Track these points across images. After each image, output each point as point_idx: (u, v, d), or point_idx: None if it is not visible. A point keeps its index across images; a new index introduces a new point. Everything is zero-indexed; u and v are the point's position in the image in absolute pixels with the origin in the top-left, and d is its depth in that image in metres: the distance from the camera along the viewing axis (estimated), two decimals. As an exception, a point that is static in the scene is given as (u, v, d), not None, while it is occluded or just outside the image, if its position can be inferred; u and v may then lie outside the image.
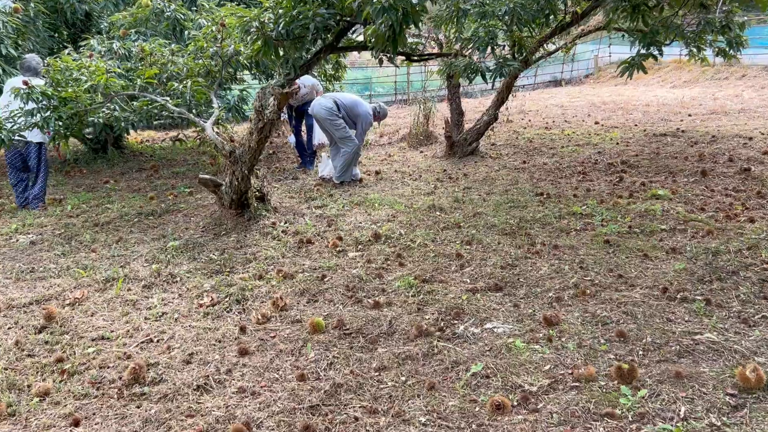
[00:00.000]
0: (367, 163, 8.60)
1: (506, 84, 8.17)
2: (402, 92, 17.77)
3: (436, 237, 5.08)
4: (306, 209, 6.02)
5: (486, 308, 3.68)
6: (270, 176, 7.84)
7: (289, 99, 4.75)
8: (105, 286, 4.18)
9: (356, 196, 6.56)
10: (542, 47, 8.22)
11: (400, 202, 6.22)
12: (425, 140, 10.06)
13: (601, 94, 15.94)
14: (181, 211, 6.04)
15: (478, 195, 6.45)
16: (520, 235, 5.07)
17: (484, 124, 8.36)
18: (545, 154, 8.40)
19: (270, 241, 5.04)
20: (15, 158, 6.25)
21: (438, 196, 6.50)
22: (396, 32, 3.91)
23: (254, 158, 4.90)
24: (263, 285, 4.16)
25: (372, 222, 5.55)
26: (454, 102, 8.89)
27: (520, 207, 5.90)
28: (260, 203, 5.53)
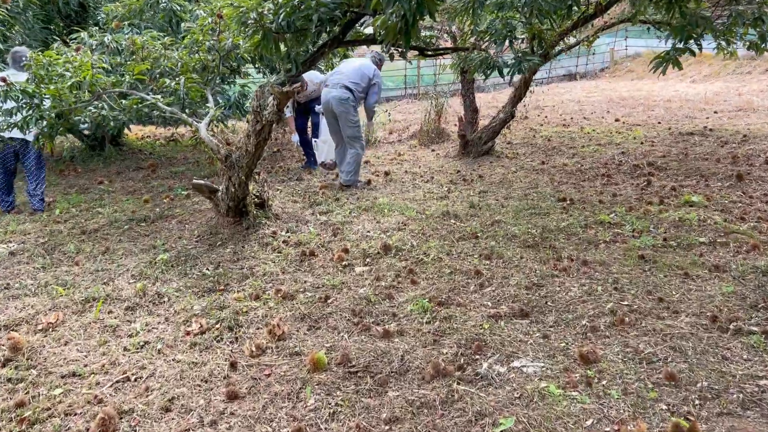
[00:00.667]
0: (376, 163, 8.14)
1: (524, 80, 7.68)
2: (412, 86, 17.28)
3: (452, 249, 4.62)
4: (310, 215, 5.58)
5: (511, 340, 3.23)
6: (273, 177, 7.40)
7: (290, 99, 4.30)
8: (83, 308, 3.76)
9: (364, 200, 6.11)
10: (562, 41, 7.73)
11: (411, 207, 5.76)
12: (437, 138, 9.59)
13: (618, 89, 15.39)
14: (175, 217, 5.61)
15: (495, 200, 5.99)
16: (544, 247, 4.61)
17: (500, 122, 7.88)
18: (565, 154, 7.92)
19: (269, 253, 4.60)
20: (8, 158, 5.83)
21: (452, 200, 6.04)
22: (409, 24, 3.45)
23: (252, 163, 4.46)
24: (260, 307, 3.72)
25: (381, 231, 5.10)
26: (468, 98, 8.41)
27: (542, 214, 5.43)
28: (260, 210, 5.09)
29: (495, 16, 6.45)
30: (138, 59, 5.13)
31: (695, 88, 14.43)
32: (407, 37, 3.54)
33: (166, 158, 9.06)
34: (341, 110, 6.47)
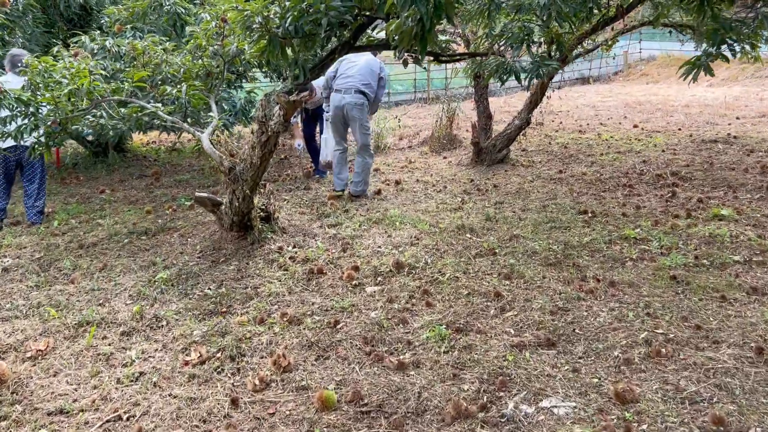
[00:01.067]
0: (387, 171, 7.88)
1: (541, 85, 7.41)
2: (422, 90, 17.01)
3: (468, 267, 4.35)
4: (318, 228, 5.32)
5: (538, 374, 2.95)
6: (280, 186, 7.16)
7: (297, 108, 4.04)
8: (76, 333, 3.51)
9: (374, 211, 5.85)
10: (581, 44, 7.46)
11: (424, 220, 5.49)
12: (449, 144, 9.32)
13: (634, 93, 15.06)
14: (177, 229, 5.36)
15: (512, 212, 5.71)
16: (567, 266, 4.33)
17: (516, 128, 7.60)
18: (583, 163, 7.62)
19: (275, 271, 4.34)
20: (10, 165, 5.59)
21: (467, 212, 5.77)
22: (425, 28, 3.19)
23: (257, 176, 4.20)
24: (264, 332, 3.46)
25: (393, 246, 4.84)
26: (481, 104, 8.14)
27: (563, 228, 5.15)
28: (266, 224, 4.84)
29: (511, 19, 6.19)
30: (139, 65, 4.90)
31: (713, 92, 14.09)
32: (423, 43, 3.28)
33: (171, 165, 8.83)
34: (358, 116, 6.27)
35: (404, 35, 3.28)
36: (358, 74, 6.23)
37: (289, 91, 3.89)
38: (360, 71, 6.23)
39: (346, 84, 6.20)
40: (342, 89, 6.24)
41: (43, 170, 5.69)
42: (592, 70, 19.45)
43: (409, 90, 17.03)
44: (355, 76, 6.22)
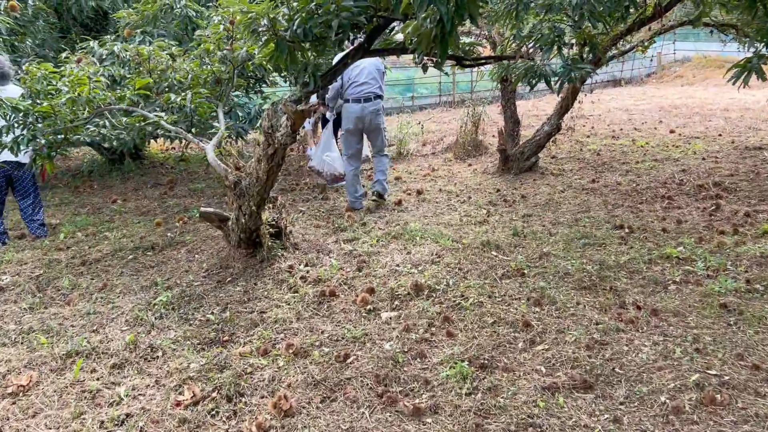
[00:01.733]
0: (408, 179, 7.53)
1: (572, 89, 6.99)
2: (447, 93, 16.62)
3: (494, 290, 3.98)
4: (333, 244, 4.99)
5: (573, 424, 2.58)
6: (297, 195, 6.85)
7: (306, 119, 3.71)
8: (64, 364, 3.22)
9: (394, 224, 5.50)
10: (615, 46, 7.03)
11: (446, 234, 5.13)
12: (474, 151, 8.93)
13: (668, 96, 14.47)
14: (186, 244, 5.08)
15: (541, 226, 5.32)
16: (604, 289, 3.94)
17: (545, 135, 7.19)
18: (617, 171, 7.18)
19: (284, 293, 4.02)
20: (1, 183, 5.32)
21: (492, 226, 5.39)
22: (446, 30, 2.84)
23: (264, 191, 3.88)
24: (267, 366, 3.14)
25: (412, 264, 4.49)
26: (509, 109, 7.74)
27: (597, 245, 4.75)
28: (276, 240, 4.52)
29: (540, 20, 5.81)
30: (144, 72, 4.63)
31: (754, 95, 13.46)
32: (444, 46, 2.93)
33: (188, 173, 8.60)
34: (381, 123, 6.12)
35: (423, 38, 2.94)
36: (370, 79, 5.94)
37: (298, 100, 3.57)
38: (370, 75, 5.94)
39: (363, 92, 5.88)
40: (361, 98, 5.91)
41: (35, 183, 5.41)
42: (623, 71, 18.85)
43: (433, 93, 16.66)
44: (369, 81, 5.92)
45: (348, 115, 6.06)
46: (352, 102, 6.01)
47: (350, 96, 6.00)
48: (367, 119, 5.97)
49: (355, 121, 6.03)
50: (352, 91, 5.94)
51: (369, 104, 5.89)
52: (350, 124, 6.08)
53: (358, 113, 5.98)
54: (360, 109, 5.96)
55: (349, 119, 6.07)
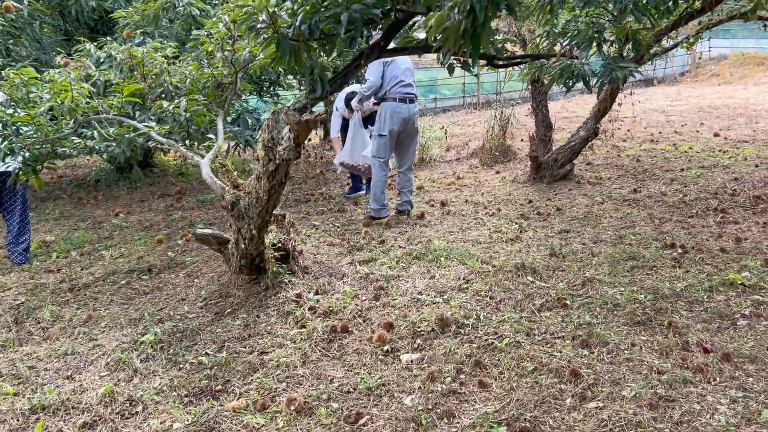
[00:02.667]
0: (431, 189, 6.99)
1: (611, 91, 6.39)
2: (471, 95, 16.03)
3: (533, 326, 3.43)
4: (347, 266, 4.47)
5: None
6: (311, 207, 6.35)
7: (312, 130, 3.19)
8: (26, 423, 2.74)
9: (416, 242, 4.97)
10: (659, 42, 6.42)
11: (474, 254, 4.59)
12: (501, 157, 8.36)
13: (706, 96, 13.71)
14: (186, 266, 4.60)
15: (581, 244, 4.75)
16: (660, 325, 3.36)
17: (581, 140, 6.60)
18: (661, 179, 6.56)
19: (290, 328, 3.51)
20: None
21: (526, 244, 4.83)
22: (478, 23, 2.31)
23: (266, 212, 3.38)
24: (264, 427, 2.63)
25: (436, 291, 3.95)
26: (540, 112, 7.17)
27: (647, 268, 4.17)
28: (283, 264, 4.02)
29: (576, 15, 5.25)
30: (138, 76, 4.16)
31: (798, 93, 12.67)
32: (476, 42, 2.39)
33: (199, 182, 8.15)
34: (418, 126, 5.88)
35: (449, 33, 2.40)
36: (411, 78, 5.56)
37: (302, 108, 3.05)
38: (410, 73, 5.56)
39: (408, 92, 5.46)
40: (407, 98, 5.46)
41: (26, 200, 4.95)
42: (656, 70, 18.05)
43: (457, 95, 16.09)
44: (411, 82, 5.55)
45: (393, 115, 5.51)
46: (399, 102, 5.49)
47: (397, 95, 5.49)
48: (410, 121, 5.59)
49: (401, 122, 5.53)
50: (399, 90, 5.45)
51: (413, 106, 5.57)
52: (395, 126, 5.53)
53: (405, 114, 5.52)
54: (407, 110, 5.51)
55: (394, 120, 5.52)
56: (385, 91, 5.45)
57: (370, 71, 5.35)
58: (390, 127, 5.49)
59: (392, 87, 5.44)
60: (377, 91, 5.47)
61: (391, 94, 5.44)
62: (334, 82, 3.16)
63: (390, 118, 5.47)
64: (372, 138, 5.76)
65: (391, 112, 5.47)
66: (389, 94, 5.44)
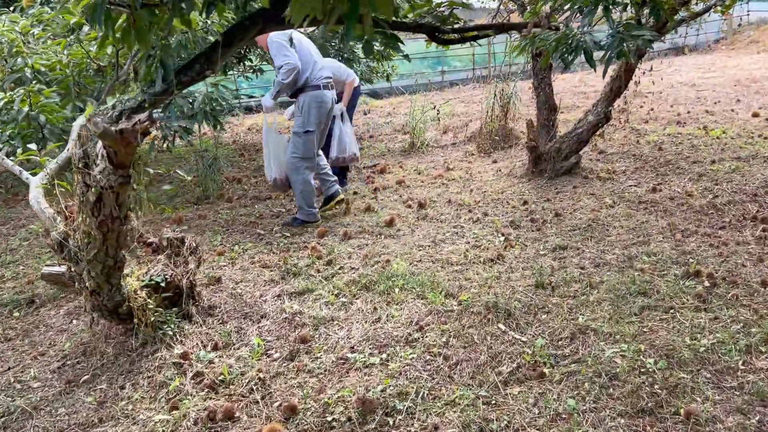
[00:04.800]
0: (413, 183, 5.94)
1: (626, 67, 5.24)
2: (483, 67, 14.75)
3: (490, 416, 2.41)
4: (273, 300, 3.49)
5: None
6: (269, 207, 5.36)
7: (135, 144, 2.17)
8: None
9: (372, 263, 3.96)
10: (687, 5, 5.24)
11: (439, 282, 3.57)
12: (502, 141, 7.25)
13: (744, 67, 12.26)
14: (73, 299, 3.66)
15: (579, 268, 3.70)
16: (675, 415, 2.33)
17: (589, 127, 5.48)
18: (686, 174, 5.41)
19: (157, 410, 2.55)
20: None
21: (508, 267, 3.80)
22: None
23: (107, 255, 2.39)
24: None
25: (375, 345, 2.96)
26: (542, 92, 6.03)
27: (661, 309, 3.13)
28: (173, 308, 3.05)
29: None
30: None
31: None
32: (353, 5, 1.36)
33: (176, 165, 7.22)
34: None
35: None
36: (322, 60, 4.58)
37: (119, 115, 2.03)
38: (319, 54, 4.56)
39: (328, 76, 4.45)
40: (329, 84, 4.45)
41: None
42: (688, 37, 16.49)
43: (467, 66, 14.84)
44: (322, 62, 4.58)
45: (321, 105, 4.56)
46: (323, 89, 4.51)
47: (320, 81, 4.49)
48: (331, 112, 4.76)
49: (328, 113, 4.60)
50: (319, 74, 4.44)
51: (333, 93, 4.64)
52: (322, 117, 4.61)
53: (329, 104, 4.59)
54: (331, 99, 4.56)
55: (321, 111, 4.58)
56: (306, 78, 4.42)
57: (281, 52, 4.19)
58: (318, 119, 4.56)
59: (313, 72, 4.45)
60: (297, 79, 4.41)
61: (312, 81, 4.43)
62: (190, 71, 2.13)
63: (317, 108, 4.53)
64: (294, 136, 4.72)
65: (318, 102, 4.52)
66: (311, 80, 4.42)
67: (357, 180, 6.34)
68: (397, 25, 2.19)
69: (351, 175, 6.45)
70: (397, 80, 14.15)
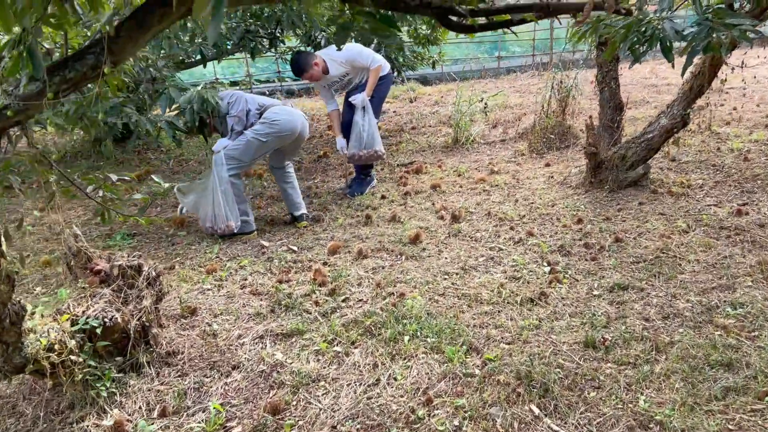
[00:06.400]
0: (450, 189, 5.18)
1: (711, 61, 4.32)
2: (544, 52, 13.70)
3: None
4: (252, 344, 2.84)
5: None
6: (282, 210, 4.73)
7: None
8: None
9: (383, 293, 3.26)
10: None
11: (461, 331, 2.85)
12: (557, 141, 6.39)
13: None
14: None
15: (642, 319, 2.91)
16: None
17: (662, 132, 4.59)
18: (780, 194, 4.47)
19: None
20: None
21: (552, 311, 3.04)
22: None
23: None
24: None
25: (365, 425, 2.27)
26: (607, 87, 5.15)
27: (753, 394, 2.32)
28: (117, 357, 2.43)
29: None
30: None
31: None
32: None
33: (180, 161, 6.70)
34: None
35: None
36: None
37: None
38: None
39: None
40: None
41: None
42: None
43: (527, 52, 13.82)
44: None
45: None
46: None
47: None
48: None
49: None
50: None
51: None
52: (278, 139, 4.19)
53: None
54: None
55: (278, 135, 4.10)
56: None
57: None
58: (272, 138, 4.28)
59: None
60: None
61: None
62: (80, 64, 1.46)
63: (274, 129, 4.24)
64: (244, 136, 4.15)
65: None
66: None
67: (389, 180, 5.62)
68: (387, 3, 1.46)
69: (382, 175, 5.75)
70: (450, 66, 13.30)
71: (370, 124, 4.97)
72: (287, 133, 4.17)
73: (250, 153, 4.14)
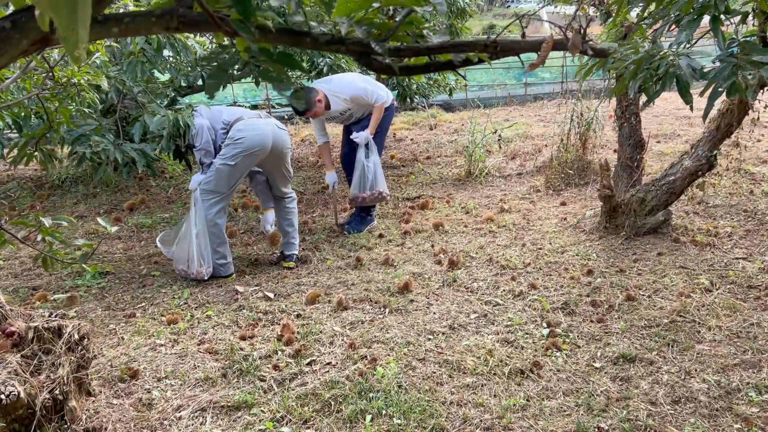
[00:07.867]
0: (453, 229, 4.79)
1: (740, 102, 3.87)
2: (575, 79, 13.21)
3: None
4: (192, 418, 2.48)
5: None
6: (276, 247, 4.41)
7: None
8: None
9: (355, 356, 2.89)
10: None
11: (434, 410, 2.46)
12: (577, 177, 5.96)
13: None
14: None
15: (649, 403, 2.49)
16: None
17: (685, 174, 4.13)
18: (820, 247, 3.96)
19: None
20: None
21: (542, 390, 2.63)
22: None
23: None
24: None
25: None
26: (626, 123, 4.73)
27: None
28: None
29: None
30: None
31: None
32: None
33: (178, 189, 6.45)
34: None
35: None
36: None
37: None
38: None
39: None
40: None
41: None
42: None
43: (556, 79, 13.38)
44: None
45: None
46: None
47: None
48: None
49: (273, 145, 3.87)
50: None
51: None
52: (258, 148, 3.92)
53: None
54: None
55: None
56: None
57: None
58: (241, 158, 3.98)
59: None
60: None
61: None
62: None
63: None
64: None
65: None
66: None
67: (391, 216, 5.27)
68: (288, 38, 1.12)
69: (385, 210, 5.39)
70: (476, 91, 12.92)
71: (374, 164, 4.66)
72: (257, 148, 3.81)
73: (223, 182, 3.83)
